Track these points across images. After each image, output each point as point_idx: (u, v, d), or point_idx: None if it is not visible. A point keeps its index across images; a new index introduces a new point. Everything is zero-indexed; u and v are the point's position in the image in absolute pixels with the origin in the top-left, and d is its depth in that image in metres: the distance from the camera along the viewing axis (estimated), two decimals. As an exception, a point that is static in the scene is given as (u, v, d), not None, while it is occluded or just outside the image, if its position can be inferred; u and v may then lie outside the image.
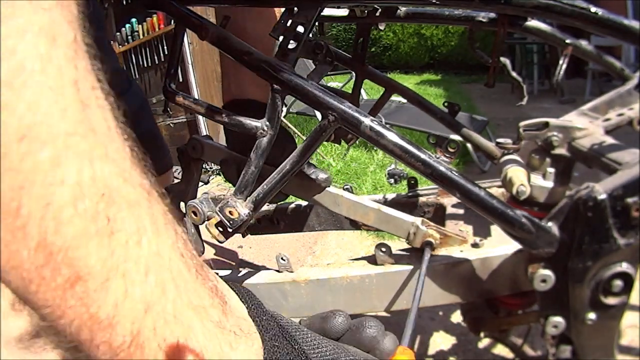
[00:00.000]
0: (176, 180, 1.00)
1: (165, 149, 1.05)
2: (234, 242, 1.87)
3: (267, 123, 0.58)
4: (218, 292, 0.27)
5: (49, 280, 0.20)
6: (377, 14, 0.83)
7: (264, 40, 0.59)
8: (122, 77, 0.94)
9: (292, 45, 0.56)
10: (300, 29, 0.55)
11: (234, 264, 1.78)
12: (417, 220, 0.62)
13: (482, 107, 4.49)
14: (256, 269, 0.69)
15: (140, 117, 0.96)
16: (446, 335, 1.23)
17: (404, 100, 2.40)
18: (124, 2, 2.86)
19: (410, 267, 0.60)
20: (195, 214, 0.62)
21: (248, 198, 0.61)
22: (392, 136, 0.51)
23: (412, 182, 0.86)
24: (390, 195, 0.86)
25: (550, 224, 0.48)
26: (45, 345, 0.63)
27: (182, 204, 0.74)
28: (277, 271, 0.66)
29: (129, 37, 2.95)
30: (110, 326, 0.21)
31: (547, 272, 0.49)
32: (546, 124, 0.56)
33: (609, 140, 0.53)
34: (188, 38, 2.74)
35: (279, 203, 0.87)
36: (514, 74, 0.78)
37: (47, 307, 0.21)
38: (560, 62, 0.70)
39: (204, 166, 3.24)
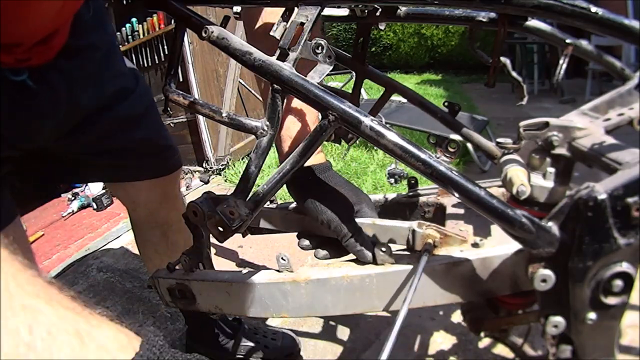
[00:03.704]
0: (182, 189, 0.99)
1: (173, 150, 1.04)
2: (234, 242, 1.87)
3: (267, 123, 0.59)
4: None
5: None
6: (377, 13, 0.83)
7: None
8: (128, 78, 0.92)
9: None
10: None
11: (234, 264, 1.79)
12: (414, 224, 0.62)
13: (482, 106, 4.49)
14: (256, 269, 0.69)
15: (146, 119, 0.95)
16: (446, 335, 1.23)
17: (404, 100, 2.40)
18: (124, 2, 2.86)
19: (411, 267, 0.60)
20: (196, 214, 0.62)
21: (248, 198, 0.61)
22: (392, 136, 0.51)
23: (413, 182, 0.86)
24: (391, 195, 0.86)
25: (550, 223, 0.48)
26: None
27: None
28: (277, 271, 0.66)
29: (129, 36, 2.95)
30: None
31: (548, 272, 0.49)
32: (546, 124, 0.56)
33: (609, 140, 0.53)
34: (188, 38, 2.74)
35: (280, 203, 0.87)
36: (514, 73, 0.78)
37: None
38: (561, 61, 0.70)
39: (204, 165, 3.23)
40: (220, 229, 0.61)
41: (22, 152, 0.77)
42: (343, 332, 1.31)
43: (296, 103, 0.72)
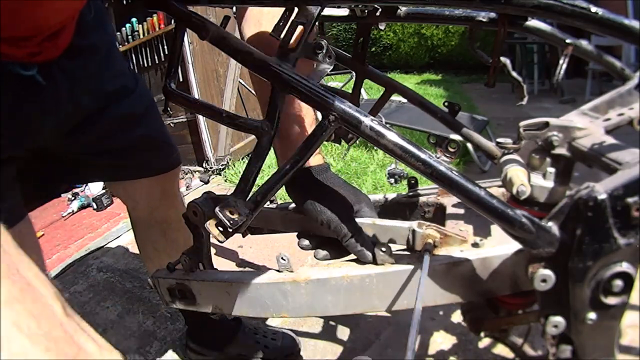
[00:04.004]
0: (182, 189, 1.00)
1: (173, 148, 1.05)
2: (234, 242, 1.87)
3: (267, 123, 0.58)
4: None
5: None
6: (377, 13, 0.83)
7: None
8: (128, 78, 0.92)
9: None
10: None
11: (234, 264, 1.78)
12: (414, 224, 0.62)
13: (482, 106, 4.49)
14: (256, 269, 0.69)
15: (146, 118, 0.96)
16: (446, 335, 1.23)
17: (404, 100, 2.40)
18: (124, 2, 2.86)
19: (411, 267, 0.60)
20: (196, 214, 0.62)
21: (248, 198, 0.61)
22: (392, 136, 0.51)
23: (413, 182, 0.86)
24: (391, 195, 0.86)
25: (550, 223, 0.48)
26: None
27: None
28: (278, 271, 0.66)
29: (129, 36, 2.95)
30: None
31: (548, 272, 0.49)
32: (546, 124, 0.56)
33: (609, 140, 0.53)
34: (188, 38, 2.74)
35: (280, 203, 0.87)
36: (514, 73, 0.78)
37: None
38: (561, 61, 0.70)
39: (204, 165, 3.23)
40: (221, 228, 0.61)
41: (25, 151, 0.78)
42: (343, 332, 1.31)
43: (296, 103, 0.72)
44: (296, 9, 0.56)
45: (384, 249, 0.61)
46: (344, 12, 0.87)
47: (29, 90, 0.70)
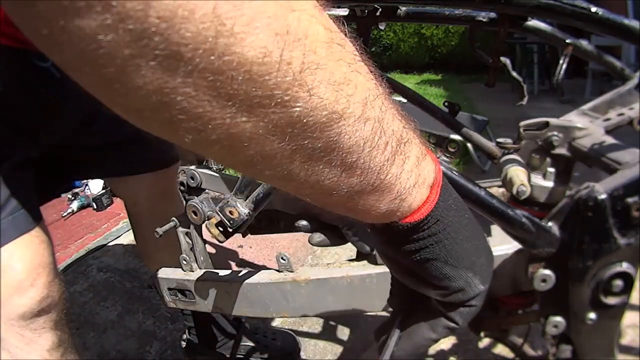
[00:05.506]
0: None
1: (172, 143, 1.06)
2: (234, 242, 1.87)
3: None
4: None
5: None
6: (378, 13, 0.83)
7: None
8: None
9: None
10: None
11: (234, 264, 1.79)
12: None
13: (482, 106, 4.48)
14: (256, 268, 0.69)
15: None
16: (446, 335, 1.23)
17: (404, 100, 2.40)
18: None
19: (411, 266, 0.60)
20: (196, 214, 0.62)
21: (248, 198, 0.61)
22: (392, 136, 0.51)
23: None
24: (391, 195, 0.86)
25: (550, 223, 0.48)
26: (45, 324, 0.64)
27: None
28: (278, 271, 0.66)
29: (129, 37, 2.95)
30: None
31: (548, 272, 0.49)
32: (546, 124, 0.56)
33: (609, 140, 0.53)
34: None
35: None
36: (514, 73, 0.78)
37: None
38: (561, 61, 0.70)
39: (203, 164, 3.23)
40: (221, 228, 0.61)
41: (43, 148, 0.78)
42: (343, 332, 1.31)
43: None
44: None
45: (384, 249, 0.61)
46: (344, 12, 0.87)
47: (47, 82, 0.70)
